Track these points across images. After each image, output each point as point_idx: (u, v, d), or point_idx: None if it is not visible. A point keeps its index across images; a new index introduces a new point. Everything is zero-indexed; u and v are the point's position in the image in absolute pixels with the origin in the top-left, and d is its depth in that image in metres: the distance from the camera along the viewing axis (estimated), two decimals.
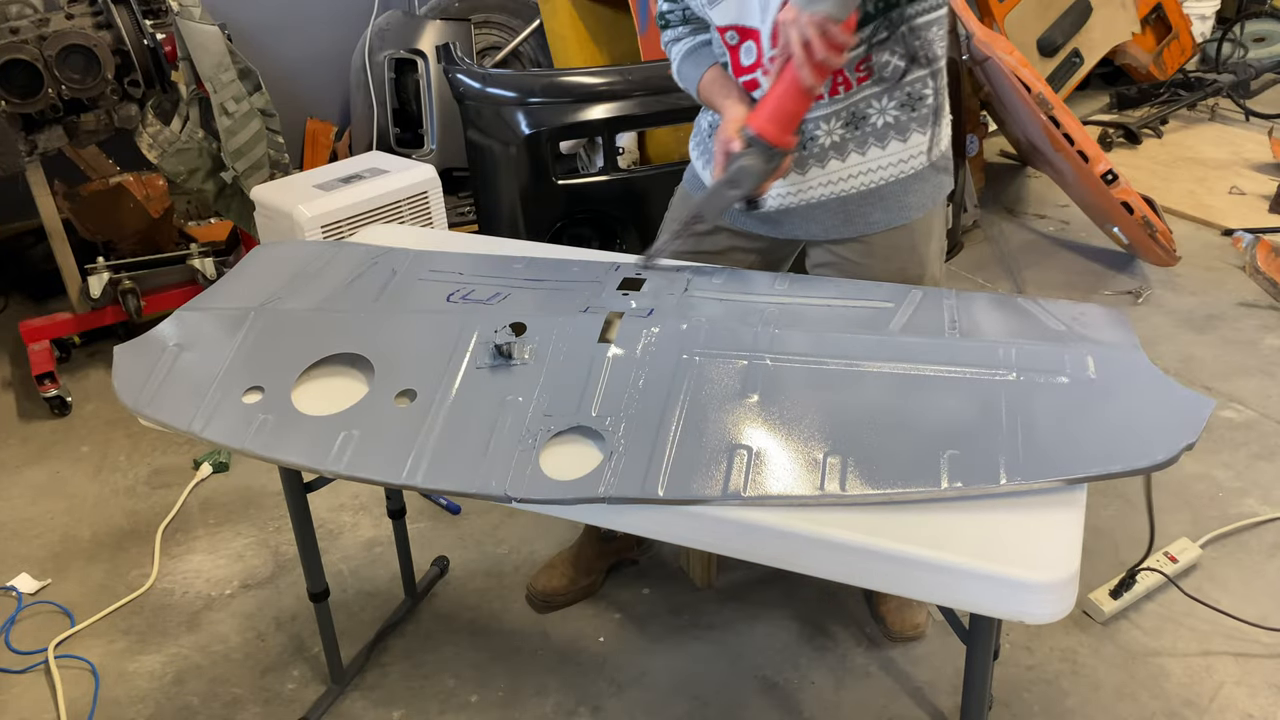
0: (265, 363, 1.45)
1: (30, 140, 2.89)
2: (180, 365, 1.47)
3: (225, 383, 1.42)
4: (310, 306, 1.56)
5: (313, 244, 1.85)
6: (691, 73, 1.70)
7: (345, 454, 1.30)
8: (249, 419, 1.37)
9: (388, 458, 1.29)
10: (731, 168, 1.50)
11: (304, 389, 1.42)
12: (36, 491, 2.66)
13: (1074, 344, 1.33)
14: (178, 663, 2.10)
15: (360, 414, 1.35)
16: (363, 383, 1.41)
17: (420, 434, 1.30)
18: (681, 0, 1.71)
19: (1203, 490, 2.40)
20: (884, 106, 1.59)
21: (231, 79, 3.01)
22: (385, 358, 1.43)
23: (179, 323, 1.56)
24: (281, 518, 2.47)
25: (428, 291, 1.58)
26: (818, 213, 1.69)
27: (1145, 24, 4.67)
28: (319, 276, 1.65)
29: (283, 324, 1.52)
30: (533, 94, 2.80)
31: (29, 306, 3.55)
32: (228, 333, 1.51)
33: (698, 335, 1.38)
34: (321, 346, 1.47)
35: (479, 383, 1.36)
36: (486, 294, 1.55)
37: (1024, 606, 1.06)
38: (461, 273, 1.63)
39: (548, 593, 2.15)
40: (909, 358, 1.32)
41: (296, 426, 1.35)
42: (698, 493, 1.17)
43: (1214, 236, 3.66)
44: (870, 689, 1.95)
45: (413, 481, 1.26)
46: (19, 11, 2.85)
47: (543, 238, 2.82)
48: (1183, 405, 1.21)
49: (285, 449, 1.33)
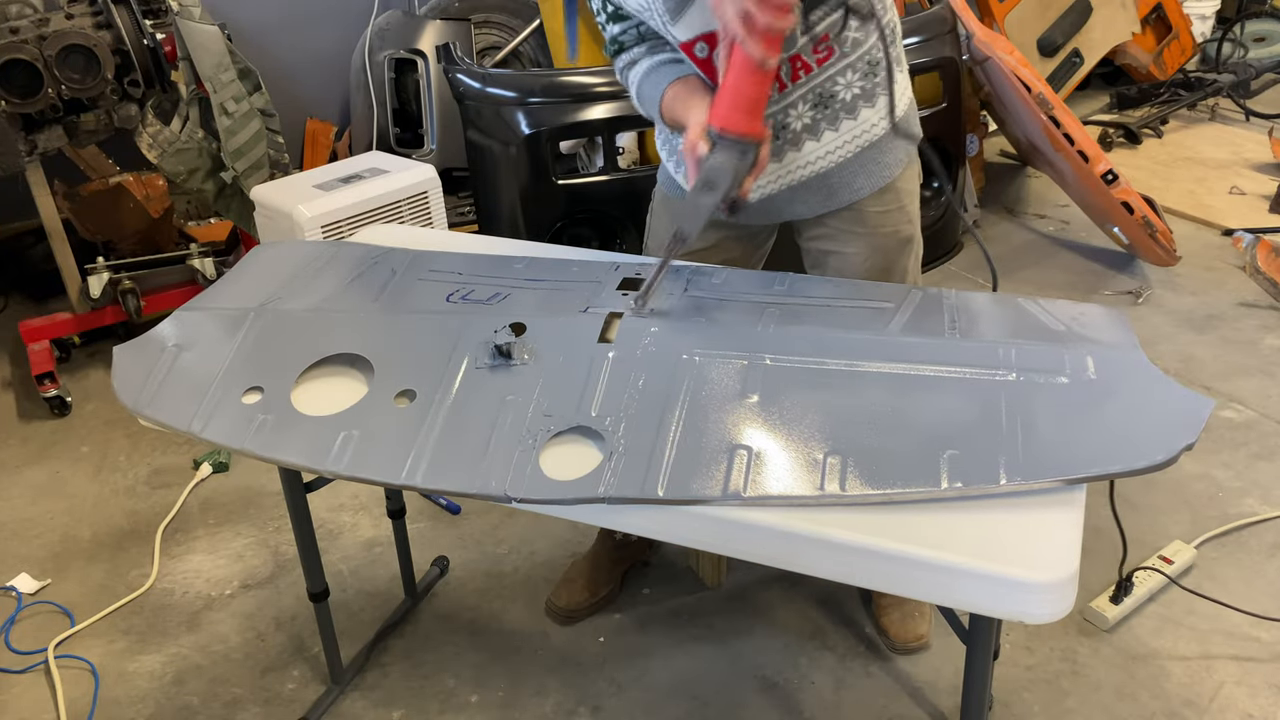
0: (265, 363, 1.45)
1: (30, 140, 2.89)
2: (180, 365, 1.47)
3: (225, 383, 1.42)
4: (310, 306, 1.56)
5: (312, 244, 1.85)
6: (652, 93, 1.62)
7: (345, 454, 1.30)
8: (248, 419, 1.36)
9: (387, 458, 1.28)
10: (704, 171, 1.41)
11: (304, 389, 1.42)
12: (36, 491, 2.66)
13: (1074, 344, 1.33)
14: (177, 663, 2.10)
15: (360, 414, 1.35)
16: (362, 383, 1.41)
17: (420, 434, 1.30)
18: (633, 19, 1.63)
19: (1202, 490, 2.40)
20: (850, 81, 1.60)
21: (231, 79, 3.01)
22: (385, 358, 1.43)
23: (178, 323, 1.56)
24: (281, 518, 2.47)
25: (427, 291, 1.58)
26: (802, 193, 1.70)
27: (1145, 24, 4.67)
28: (319, 277, 1.65)
29: (282, 324, 1.52)
30: (533, 94, 2.80)
31: (29, 306, 3.55)
32: (227, 333, 1.51)
33: (698, 335, 1.38)
34: (321, 346, 1.46)
35: (479, 383, 1.36)
36: (486, 294, 1.55)
37: (1023, 606, 1.06)
38: (461, 273, 1.63)
39: (571, 608, 2.12)
40: (908, 358, 1.31)
41: (296, 427, 1.35)
42: (698, 493, 1.17)
43: (1214, 236, 3.66)
44: (870, 689, 1.95)
45: (412, 482, 1.26)
46: (19, 11, 2.85)
47: (543, 238, 2.82)
48: (1182, 405, 1.21)
49: (285, 449, 1.33)
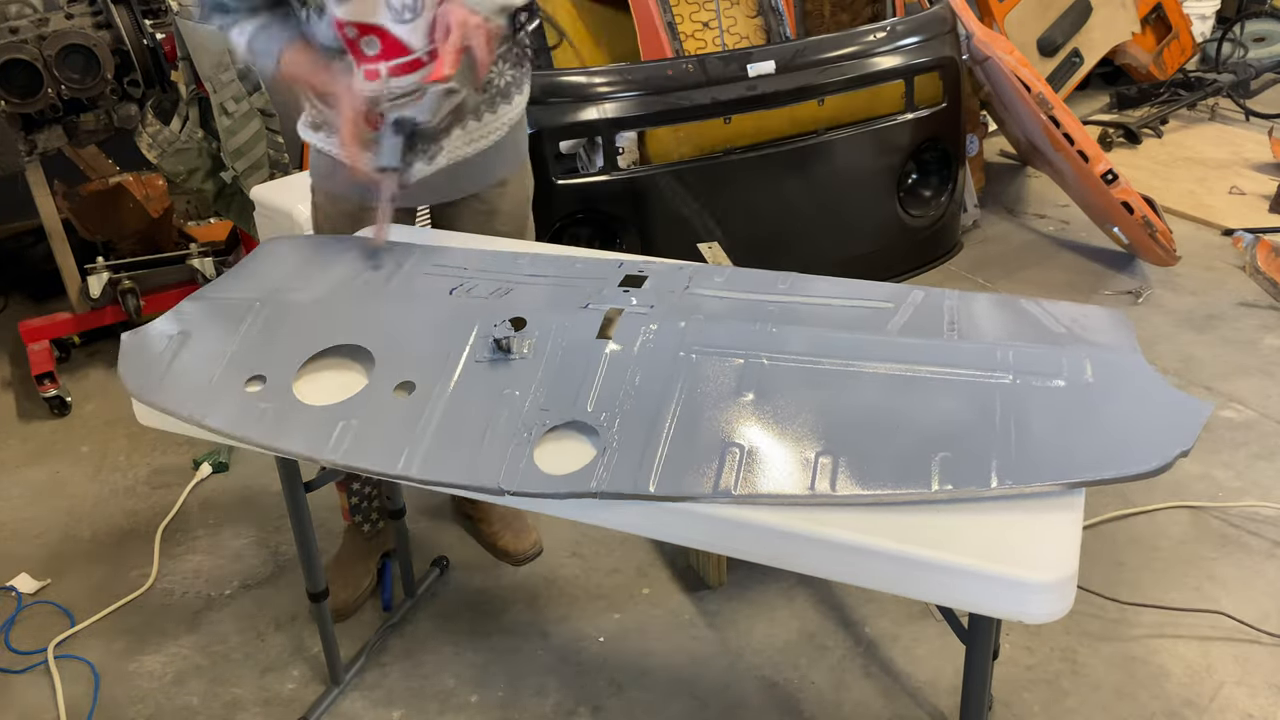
0: (268, 353, 1.46)
1: (30, 140, 2.89)
2: (185, 354, 1.48)
3: (228, 372, 1.43)
4: (315, 298, 1.57)
5: (320, 238, 1.85)
6: (269, 46, 1.71)
7: (343, 444, 1.31)
8: (250, 408, 1.37)
9: (384, 448, 1.30)
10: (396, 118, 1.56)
11: (306, 379, 1.43)
12: (36, 491, 2.66)
13: (1072, 347, 1.32)
14: (177, 663, 2.10)
15: (359, 405, 1.36)
16: (363, 374, 1.42)
17: (417, 426, 1.31)
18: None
19: (1202, 490, 2.40)
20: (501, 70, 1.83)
21: (231, 79, 3.01)
22: (386, 350, 1.44)
23: (186, 312, 1.57)
24: (281, 518, 2.47)
25: (431, 285, 1.59)
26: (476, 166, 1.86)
27: (1145, 24, 4.67)
28: (325, 270, 1.66)
29: (287, 315, 1.53)
30: (532, 94, 2.79)
31: (29, 306, 3.55)
32: (233, 323, 1.52)
33: (695, 333, 1.38)
34: (324, 338, 1.48)
35: (477, 376, 1.37)
36: (489, 289, 1.55)
37: (1023, 606, 1.06)
38: (465, 268, 1.64)
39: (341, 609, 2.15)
40: (905, 359, 1.31)
41: (297, 416, 1.36)
42: (689, 490, 1.17)
43: (1214, 236, 3.66)
44: (870, 689, 1.95)
45: (408, 473, 1.27)
46: (18, 11, 2.85)
47: (542, 237, 2.81)
48: (1180, 410, 1.20)
49: (285, 438, 1.34)
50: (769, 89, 2.89)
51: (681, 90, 2.82)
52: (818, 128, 3.02)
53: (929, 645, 2.02)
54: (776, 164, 2.99)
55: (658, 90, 2.79)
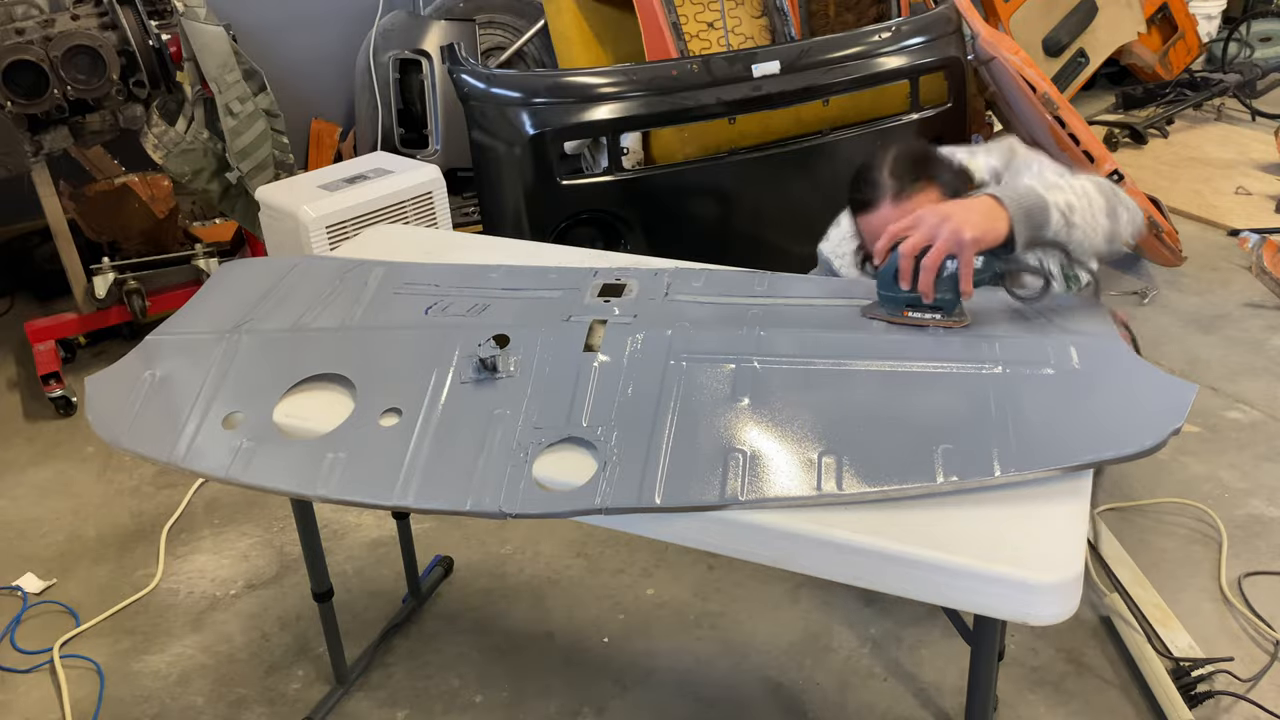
0: (244, 387, 1.41)
1: (36, 141, 2.89)
2: (156, 395, 1.42)
3: (204, 411, 1.38)
4: (285, 327, 1.52)
5: (277, 261, 1.80)
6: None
7: (333, 476, 1.27)
8: (232, 447, 1.32)
9: (377, 478, 1.25)
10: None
11: (285, 412, 1.38)
12: (42, 491, 2.66)
13: (1056, 335, 1.33)
14: (183, 663, 2.10)
15: (346, 435, 1.31)
16: (345, 403, 1.37)
17: (409, 453, 1.27)
18: None
19: (1209, 491, 2.39)
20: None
21: (236, 79, 3.01)
22: (366, 376, 1.40)
23: (151, 350, 1.52)
24: (286, 518, 2.48)
25: (404, 305, 1.55)
26: None
27: (1151, 23, 4.66)
28: (291, 295, 1.61)
29: (259, 347, 1.48)
30: (537, 94, 2.79)
31: (34, 306, 3.56)
32: (203, 358, 1.46)
33: (683, 341, 1.37)
34: (301, 368, 1.43)
35: (465, 397, 1.34)
36: (465, 306, 1.52)
37: (1028, 608, 1.06)
38: (437, 285, 1.60)
39: None
40: (895, 355, 1.32)
41: (281, 451, 1.31)
42: (696, 499, 1.16)
43: (1220, 237, 3.65)
44: (874, 690, 1.94)
45: (404, 501, 1.23)
46: (24, 12, 2.86)
47: (547, 238, 2.82)
48: (1167, 391, 1.22)
49: (272, 476, 1.29)
50: (774, 89, 2.88)
51: (686, 90, 2.82)
52: (823, 128, 3.02)
53: (934, 647, 2.02)
54: (781, 164, 2.99)
55: (662, 91, 2.79)
